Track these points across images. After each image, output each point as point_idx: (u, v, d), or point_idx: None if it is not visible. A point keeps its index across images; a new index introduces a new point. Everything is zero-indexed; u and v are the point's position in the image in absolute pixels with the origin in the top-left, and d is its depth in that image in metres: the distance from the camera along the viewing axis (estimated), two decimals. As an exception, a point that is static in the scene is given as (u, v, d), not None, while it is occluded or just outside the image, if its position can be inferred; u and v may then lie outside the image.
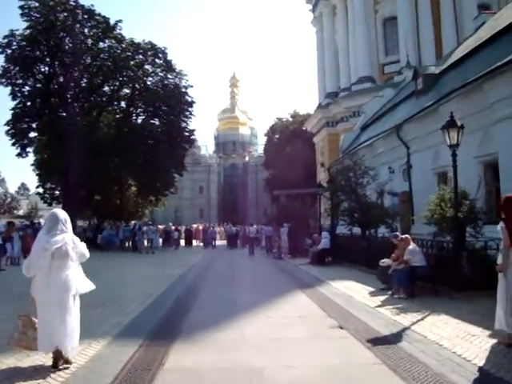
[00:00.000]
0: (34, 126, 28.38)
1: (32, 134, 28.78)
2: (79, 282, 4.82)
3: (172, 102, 29.86)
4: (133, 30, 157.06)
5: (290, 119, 55.90)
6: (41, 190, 33.71)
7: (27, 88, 28.00)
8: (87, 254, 5.05)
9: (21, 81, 27.51)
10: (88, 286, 4.97)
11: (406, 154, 18.01)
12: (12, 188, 74.22)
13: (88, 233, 28.55)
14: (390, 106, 23.99)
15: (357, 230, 16.74)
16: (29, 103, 27.76)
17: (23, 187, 76.69)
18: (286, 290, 10.68)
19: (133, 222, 33.29)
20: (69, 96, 28.02)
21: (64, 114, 27.74)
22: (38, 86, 28.16)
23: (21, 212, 64.05)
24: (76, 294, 4.79)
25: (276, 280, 13.33)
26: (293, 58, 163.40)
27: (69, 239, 4.78)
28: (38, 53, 27.45)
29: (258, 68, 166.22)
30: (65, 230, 4.77)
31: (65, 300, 4.64)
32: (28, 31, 26.67)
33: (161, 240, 30.33)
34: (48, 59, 27.89)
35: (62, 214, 4.84)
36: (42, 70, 28.45)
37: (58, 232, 4.71)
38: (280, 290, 10.70)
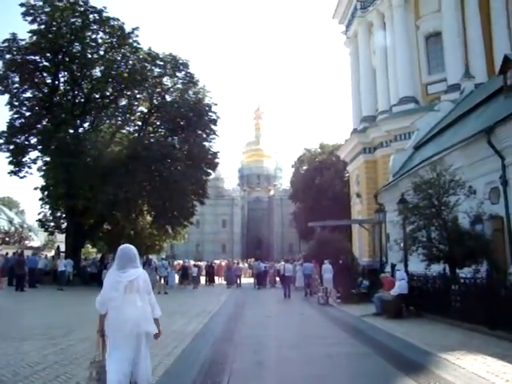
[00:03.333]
0: (34, 142, 24.84)
1: (34, 154, 25.49)
2: (150, 320, 4.40)
3: (193, 117, 26.18)
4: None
5: (319, 150, 53.19)
6: (41, 216, 29.51)
7: (27, 97, 24.75)
8: None
9: (20, 89, 24.25)
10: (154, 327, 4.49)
11: (497, 168, 13.55)
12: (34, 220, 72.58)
13: (92, 267, 24.37)
14: (458, 116, 19.65)
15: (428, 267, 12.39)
16: (28, 114, 24.47)
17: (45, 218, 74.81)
18: (382, 378, 5.79)
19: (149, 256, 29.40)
20: (76, 109, 24.62)
21: (70, 130, 24.29)
22: (40, 96, 24.80)
23: (34, 243, 61.32)
24: (148, 331, 4.35)
25: (349, 350, 7.68)
26: (317, 89, 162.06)
27: (141, 273, 4.44)
28: (41, 59, 24.22)
29: (283, 100, 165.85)
30: (135, 265, 4.45)
31: (136, 338, 4.25)
32: (31, 35, 23.55)
33: (177, 277, 26.60)
34: (53, 66, 24.54)
35: (132, 250, 4.51)
36: (47, 79, 25.14)
37: (129, 268, 4.39)
38: (372, 379, 5.82)
